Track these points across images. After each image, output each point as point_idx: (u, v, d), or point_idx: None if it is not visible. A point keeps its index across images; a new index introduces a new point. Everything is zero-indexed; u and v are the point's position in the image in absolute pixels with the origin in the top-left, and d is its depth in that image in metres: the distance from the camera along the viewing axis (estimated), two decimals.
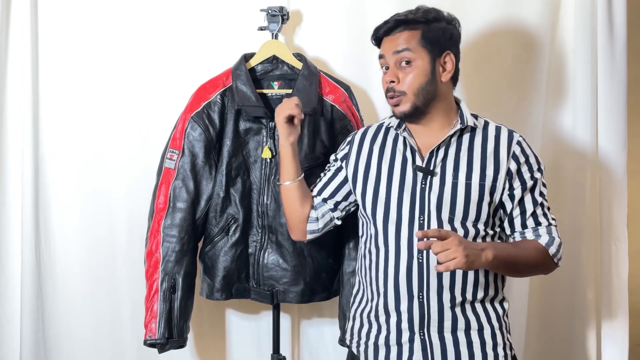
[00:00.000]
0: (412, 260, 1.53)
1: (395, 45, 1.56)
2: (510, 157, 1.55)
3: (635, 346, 2.22)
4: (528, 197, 1.56)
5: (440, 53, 1.56)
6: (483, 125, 1.60)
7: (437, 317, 1.52)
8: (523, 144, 1.58)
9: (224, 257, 1.89)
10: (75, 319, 2.12)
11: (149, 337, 1.84)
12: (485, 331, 1.54)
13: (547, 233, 1.57)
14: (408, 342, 1.54)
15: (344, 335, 1.90)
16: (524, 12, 2.08)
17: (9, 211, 2.13)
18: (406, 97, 1.54)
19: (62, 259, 2.11)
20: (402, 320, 1.55)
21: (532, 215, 1.57)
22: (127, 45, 2.09)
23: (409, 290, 1.53)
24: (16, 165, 2.10)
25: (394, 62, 1.56)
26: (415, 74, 1.54)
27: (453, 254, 1.36)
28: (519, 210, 1.57)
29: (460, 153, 1.56)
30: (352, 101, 1.94)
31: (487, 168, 1.54)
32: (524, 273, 1.65)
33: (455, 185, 1.53)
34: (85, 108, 2.10)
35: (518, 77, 2.10)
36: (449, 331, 1.53)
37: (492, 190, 1.54)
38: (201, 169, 1.89)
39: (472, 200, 1.53)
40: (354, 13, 2.08)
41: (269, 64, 1.96)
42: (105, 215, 2.11)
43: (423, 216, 1.54)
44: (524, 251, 1.54)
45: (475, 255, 1.40)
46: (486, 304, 1.56)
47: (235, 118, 1.90)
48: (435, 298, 1.52)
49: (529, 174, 1.56)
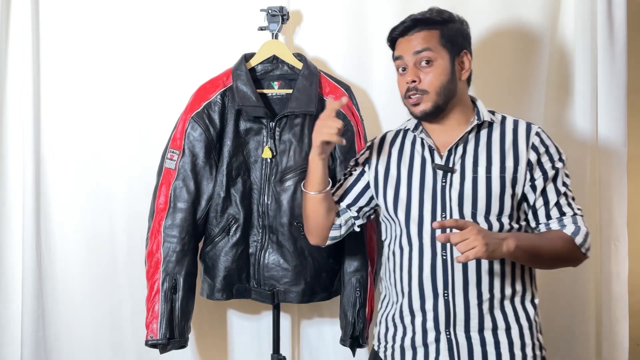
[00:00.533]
0: (435, 258, 1.52)
1: (414, 45, 1.55)
2: (530, 148, 1.54)
3: (635, 346, 2.22)
4: (550, 186, 1.54)
5: (459, 52, 1.57)
6: (500, 120, 1.60)
7: (463, 315, 1.51)
8: (542, 134, 1.57)
9: (225, 257, 1.89)
10: (76, 319, 2.12)
11: (151, 338, 1.84)
12: (513, 331, 1.52)
13: (573, 222, 1.53)
14: (434, 342, 1.53)
15: (344, 336, 1.91)
16: (524, 12, 2.08)
17: (9, 211, 2.13)
18: (428, 96, 1.54)
19: (62, 259, 2.11)
20: (427, 319, 1.54)
21: (556, 205, 1.54)
22: (127, 45, 2.09)
23: (434, 288, 1.52)
24: (17, 165, 2.11)
25: (414, 62, 1.55)
26: (436, 72, 1.54)
27: (472, 243, 1.34)
28: (542, 201, 1.54)
29: (479, 148, 1.56)
30: (352, 101, 1.94)
31: (506, 160, 1.53)
32: (550, 264, 1.59)
33: (475, 180, 1.53)
34: (85, 108, 2.10)
35: (518, 78, 2.10)
36: (475, 330, 1.51)
37: (514, 182, 1.52)
38: (202, 169, 1.89)
39: (493, 193, 1.51)
40: (354, 13, 2.08)
41: (269, 64, 1.96)
42: (105, 215, 2.11)
43: (445, 213, 1.53)
44: (549, 241, 1.50)
45: (496, 245, 1.37)
46: (515, 303, 1.54)
47: (235, 118, 1.90)
48: (460, 296, 1.50)
49: (550, 163, 1.54)
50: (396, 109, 2.05)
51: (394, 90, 2.04)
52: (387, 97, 2.08)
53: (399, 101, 2.07)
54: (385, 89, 2.08)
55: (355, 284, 1.89)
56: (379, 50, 2.08)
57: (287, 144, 1.89)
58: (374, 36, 2.08)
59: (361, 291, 1.89)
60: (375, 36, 2.08)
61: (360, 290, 1.89)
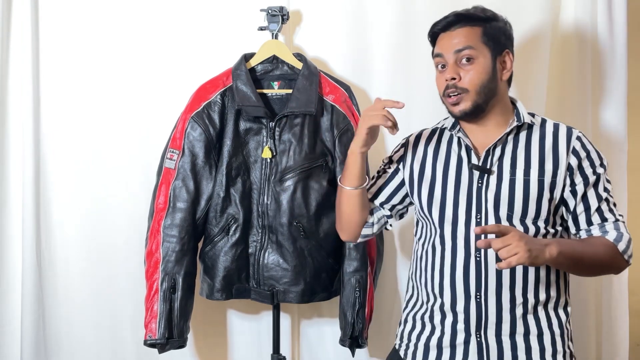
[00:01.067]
0: (469, 259, 1.49)
1: (455, 42, 1.51)
2: (570, 153, 1.50)
3: (636, 346, 2.22)
4: (591, 192, 1.50)
5: (501, 51, 1.54)
6: (540, 123, 1.56)
7: (495, 318, 1.48)
8: (583, 139, 1.53)
9: (224, 257, 1.89)
10: (76, 319, 2.12)
11: (149, 337, 1.84)
12: (545, 337, 1.49)
13: (615, 229, 1.49)
14: (463, 343, 1.51)
15: (344, 336, 1.91)
16: (524, 12, 2.07)
17: (9, 211, 2.13)
18: (468, 94, 1.50)
19: (62, 258, 2.12)
20: (457, 321, 1.51)
21: (597, 210, 1.50)
22: (128, 45, 2.09)
23: (466, 289, 1.49)
24: (17, 165, 2.11)
25: (454, 60, 1.51)
26: (477, 70, 1.50)
27: (515, 249, 1.30)
28: (582, 207, 1.50)
29: (517, 150, 1.52)
30: (352, 101, 1.94)
31: (545, 163, 1.50)
32: (592, 271, 1.55)
33: (512, 182, 1.49)
34: (85, 108, 2.10)
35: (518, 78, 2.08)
36: (507, 335, 1.48)
37: (552, 186, 1.49)
38: (201, 169, 1.89)
39: (531, 196, 1.48)
40: (354, 13, 2.08)
41: (269, 64, 1.96)
42: (105, 215, 2.11)
43: (480, 214, 1.50)
44: (591, 247, 1.46)
45: (538, 251, 1.33)
46: (549, 309, 1.51)
47: (235, 118, 1.90)
48: (493, 298, 1.47)
49: (591, 169, 1.50)
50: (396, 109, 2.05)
51: (394, 90, 2.06)
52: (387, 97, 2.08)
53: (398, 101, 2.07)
54: (385, 89, 2.08)
55: (355, 285, 1.89)
56: (379, 50, 2.08)
57: (286, 144, 1.89)
58: (374, 36, 2.08)
59: (361, 291, 1.89)
60: (375, 36, 2.08)
61: (360, 290, 1.89)
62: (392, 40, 2.07)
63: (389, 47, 2.07)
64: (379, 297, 2.07)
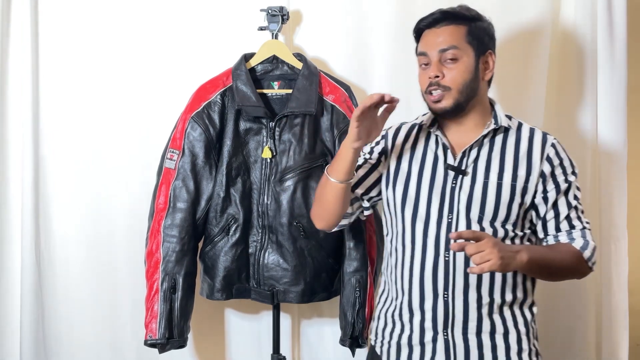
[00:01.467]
0: (438, 258, 1.51)
1: (440, 41, 1.52)
2: (544, 160, 1.53)
3: (636, 346, 2.22)
4: (562, 200, 1.54)
5: (484, 51, 1.55)
6: (517, 127, 1.58)
7: (461, 317, 1.50)
8: (557, 146, 1.56)
9: (224, 257, 1.89)
10: (75, 318, 2.12)
11: (150, 337, 1.84)
12: (510, 335, 1.51)
13: (582, 236, 1.54)
14: (431, 341, 1.53)
15: (344, 336, 1.91)
16: (523, 11, 2.08)
17: (9, 211, 2.13)
18: (450, 93, 1.51)
19: (62, 258, 2.11)
20: (425, 319, 1.53)
21: (567, 218, 1.54)
22: (127, 45, 2.09)
23: (434, 288, 1.51)
24: (16, 165, 2.11)
25: (439, 58, 1.52)
26: (460, 69, 1.51)
27: (488, 256, 1.33)
28: (553, 214, 1.54)
29: (493, 153, 1.54)
30: (353, 101, 1.94)
31: (519, 168, 1.52)
32: (558, 277, 1.60)
33: (486, 185, 1.52)
34: (85, 108, 2.10)
35: (518, 77, 2.10)
36: (473, 333, 1.50)
37: (524, 191, 1.52)
38: (201, 169, 1.89)
39: (502, 200, 1.51)
40: (354, 13, 2.08)
41: (269, 64, 1.96)
42: (105, 215, 2.11)
43: (452, 215, 1.52)
44: (559, 254, 1.51)
45: (510, 258, 1.37)
46: (514, 308, 1.53)
47: (235, 118, 1.90)
48: (460, 297, 1.50)
49: (563, 176, 1.54)
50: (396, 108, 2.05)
51: (394, 90, 2.05)
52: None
53: None
54: (385, 89, 2.06)
55: (355, 284, 1.89)
56: (379, 50, 2.08)
57: (286, 144, 1.89)
58: (374, 36, 2.08)
59: (361, 291, 1.89)
60: (375, 36, 2.08)
61: (360, 290, 1.89)
62: (392, 40, 2.06)
63: (389, 47, 2.07)
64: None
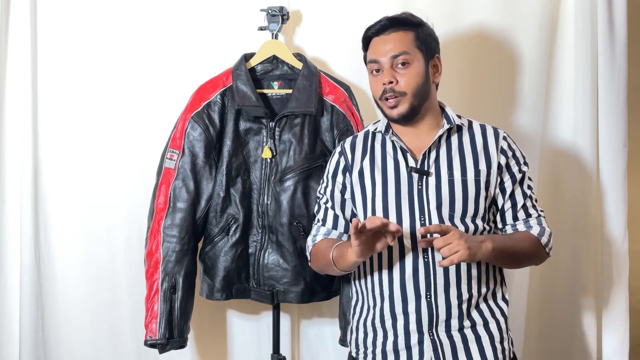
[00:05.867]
0: (417, 261, 1.53)
1: (390, 48, 1.56)
2: (500, 152, 1.59)
3: (636, 346, 2.22)
4: (518, 190, 1.60)
5: (432, 55, 1.60)
6: (468, 125, 1.63)
7: (444, 315, 1.53)
8: (509, 139, 1.63)
9: (224, 257, 1.89)
10: (75, 319, 2.12)
11: (150, 338, 1.84)
12: (491, 325, 1.56)
13: (538, 224, 1.61)
14: (417, 344, 1.53)
15: (344, 336, 1.91)
16: (524, 12, 2.08)
17: (8, 211, 2.12)
18: (405, 97, 1.56)
19: (61, 258, 2.11)
20: (410, 322, 1.54)
21: (523, 207, 1.61)
22: (127, 45, 2.09)
23: (417, 290, 1.53)
24: (15, 165, 2.10)
25: (391, 64, 1.56)
26: (412, 74, 1.56)
27: (456, 247, 1.39)
28: (510, 203, 1.60)
29: (452, 152, 1.58)
30: (352, 101, 1.94)
31: (479, 163, 1.58)
32: (520, 263, 1.68)
33: (452, 183, 1.55)
34: (84, 108, 2.10)
35: (518, 78, 2.10)
36: (456, 329, 1.53)
37: (487, 184, 1.57)
38: (201, 169, 1.89)
39: (469, 196, 1.55)
40: (354, 13, 2.08)
41: (269, 64, 1.96)
42: (104, 215, 2.11)
43: (424, 216, 1.54)
44: (519, 242, 1.57)
45: (476, 248, 1.43)
46: (489, 301, 1.58)
47: (235, 118, 1.90)
48: (442, 296, 1.52)
49: (517, 167, 1.61)
50: None
51: None
52: None
53: None
54: None
55: None
56: None
57: (286, 144, 1.89)
58: None
59: None
60: None
61: None
62: None
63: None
64: None
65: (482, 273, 1.56)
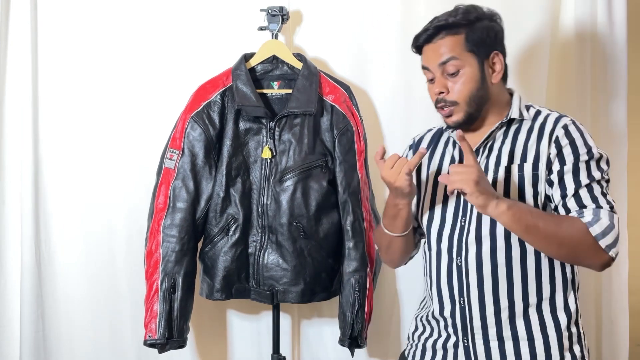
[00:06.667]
0: (452, 264, 1.47)
1: (439, 55, 1.46)
2: (552, 142, 1.42)
3: (636, 346, 2.22)
4: (569, 177, 1.39)
5: (488, 54, 1.47)
6: (533, 116, 1.49)
7: (479, 323, 1.45)
8: (570, 127, 1.43)
9: (224, 257, 1.89)
10: (75, 319, 2.12)
11: (149, 338, 1.84)
12: (537, 342, 1.42)
13: (594, 214, 1.34)
14: (453, 347, 1.50)
15: (344, 336, 1.91)
16: (523, 12, 2.07)
17: (8, 211, 2.13)
18: (459, 107, 1.46)
19: (61, 259, 2.11)
20: (447, 325, 1.51)
21: (574, 196, 1.38)
22: (127, 45, 2.09)
23: (451, 295, 1.48)
24: (15, 165, 2.10)
25: (441, 72, 1.47)
26: (464, 82, 1.45)
27: (464, 176, 1.32)
28: (559, 194, 1.39)
29: (503, 147, 1.47)
30: (352, 101, 1.94)
31: (527, 157, 1.43)
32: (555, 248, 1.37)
33: (495, 181, 1.44)
34: (84, 108, 2.10)
35: (517, 78, 2.10)
36: (494, 339, 1.44)
37: (534, 180, 1.42)
38: (201, 168, 1.89)
39: (511, 193, 1.42)
40: (354, 13, 2.08)
41: (269, 64, 1.96)
42: (104, 215, 2.11)
43: (465, 217, 1.47)
44: (554, 220, 1.36)
45: (487, 192, 1.33)
46: (543, 310, 1.43)
47: (235, 118, 1.91)
48: (476, 303, 1.44)
49: (572, 156, 1.40)
50: (396, 109, 2.06)
51: (394, 90, 2.07)
52: (387, 97, 2.08)
53: (398, 101, 2.08)
54: (385, 89, 2.08)
55: (354, 285, 1.89)
56: (379, 50, 2.08)
57: (286, 144, 1.89)
58: (374, 36, 2.08)
59: (360, 291, 1.89)
60: (375, 36, 2.08)
61: (359, 290, 1.89)
62: (392, 40, 2.06)
63: (389, 47, 2.07)
64: (379, 297, 2.07)
65: (531, 279, 1.42)
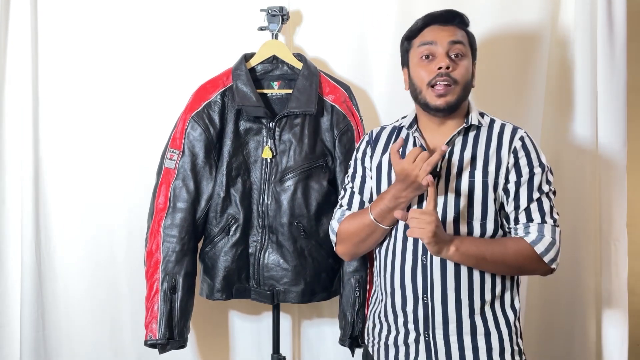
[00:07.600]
0: (416, 262, 1.53)
1: (452, 34, 1.52)
2: (511, 153, 1.51)
3: (636, 346, 2.22)
4: (523, 191, 1.50)
5: (474, 59, 1.58)
6: (489, 124, 1.57)
7: (441, 319, 1.51)
8: (526, 139, 1.53)
9: (225, 257, 1.89)
10: (75, 319, 2.12)
11: (150, 338, 1.84)
12: (492, 336, 1.52)
13: (538, 231, 1.48)
14: (414, 342, 1.55)
15: (344, 336, 1.91)
16: (523, 12, 2.08)
17: (8, 211, 2.13)
18: (457, 87, 1.50)
19: (62, 258, 2.11)
20: (408, 321, 1.55)
21: (525, 210, 1.50)
22: (127, 45, 2.09)
23: (414, 291, 1.53)
24: (16, 165, 2.10)
25: (447, 50, 1.50)
26: (465, 67, 1.52)
27: (423, 226, 1.39)
28: (513, 205, 1.51)
29: (465, 152, 1.53)
30: (352, 101, 1.94)
31: (489, 164, 1.51)
32: (505, 270, 1.52)
33: (459, 184, 1.51)
34: (84, 108, 2.10)
35: (517, 78, 2.10)
36: (454, 334, 1.51)
37: (495, 187, 1.50)
38: (201, 168, 1.89)
39: (475, 198, 1.50)
40: (354, 13, 2.08)
41: (269, 64, 1.96)
42: (105, 215, 2.11)
43: None
44: (500, 247, 1.47)
45: (442, 241, 1.42)
46: (495, 307, 1.53)
47: (235, 118, 1.91)
48: (439, 300, 1.51)
49: (527, 168, 1.51)
50: (396, 109, 2.05)
51: (394, 90, 2.06)
52: (387, 97, 2.08)
53: (398, 101, 2.07)
54: (385, 89, 2.08)
55: (355, 284, 1.89)
56: (379, 51, 2.08)
57: (287, 144, 1.89)
58: (374, 36, 2.08)
59: (360, 291, 1.89)
60: (375, 36, 2.08)
61: (360, 290, 1.89)
62: (392, 40, 2.06)
63: (389, 47, 2.06)
64: None
65: (487, 279, 1.51)
